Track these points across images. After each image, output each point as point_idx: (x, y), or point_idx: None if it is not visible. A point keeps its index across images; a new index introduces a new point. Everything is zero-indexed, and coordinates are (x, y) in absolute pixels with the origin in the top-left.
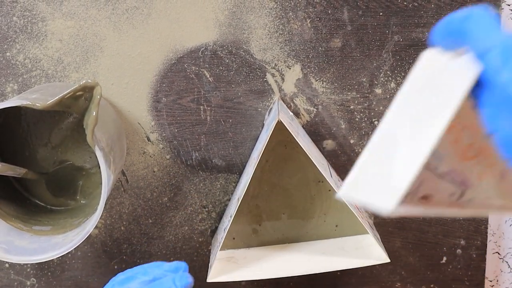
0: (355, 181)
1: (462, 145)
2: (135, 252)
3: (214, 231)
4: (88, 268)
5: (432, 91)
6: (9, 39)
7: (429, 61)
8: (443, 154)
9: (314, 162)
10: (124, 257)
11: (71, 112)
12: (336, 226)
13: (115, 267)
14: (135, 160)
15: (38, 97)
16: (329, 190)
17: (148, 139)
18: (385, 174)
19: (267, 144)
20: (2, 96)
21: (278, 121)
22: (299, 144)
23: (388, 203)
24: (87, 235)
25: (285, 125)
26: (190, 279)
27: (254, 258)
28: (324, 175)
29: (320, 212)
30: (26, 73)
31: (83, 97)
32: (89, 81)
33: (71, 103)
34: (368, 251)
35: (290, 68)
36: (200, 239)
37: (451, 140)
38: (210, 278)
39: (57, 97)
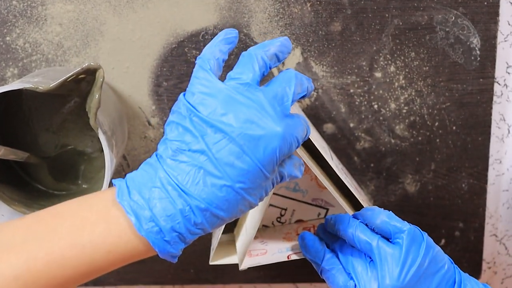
0: None
1: (317, 181)
2: None
3: None
4: None
5: None
6: (9, 23)
7: None
8: (305, 189)
9: (315, 144)
10: None
11: (73, 96)
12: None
13: None
14: (136, 144)
15: (40, 80)
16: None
17: (149, 124)
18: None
19: None
20: (2, 80)
21: None
22: None
23: None
24: None
25: None
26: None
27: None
28: (325, 158)
29: None
30: (26, 58)
31: (85, 80)
32: (91, 63)
33: (74, 86)
34: None
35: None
36: None
37: (309, 179)
38: (212, 261)
39: (59, 80)
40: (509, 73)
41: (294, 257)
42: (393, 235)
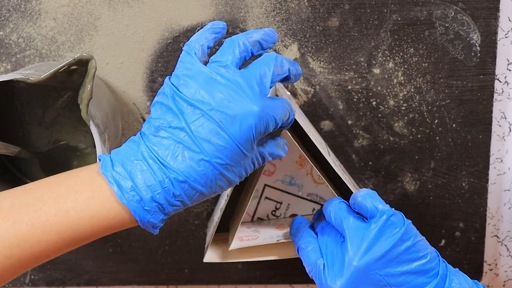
0: None
1: (313, 176)
2: (130, 234)
3: (210, 214)
4: (82, 252)
5: None
6: (2, 18)
7: None
8: (301, 184)
9: (313, 140)
10: (119, 240)
11: (66, 90)
12: None
13: (110, 250)
14: None
15: (31, 73)
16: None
17: (144, 120)
18: None
19: None
20: None
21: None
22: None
23: None
24: None
25: None
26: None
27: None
28: (322, 154)
29: None
30: (19, 53)
31: (77, 71)
32: (84, 54)
33: (66, 78)
34: None
35: (287, 48)
36: (196, 222)
37: (305, 174)
38: (207, 259)
39: (51, 71)
40: (510, 70)
41: (282, 240)
42: (370, 214)
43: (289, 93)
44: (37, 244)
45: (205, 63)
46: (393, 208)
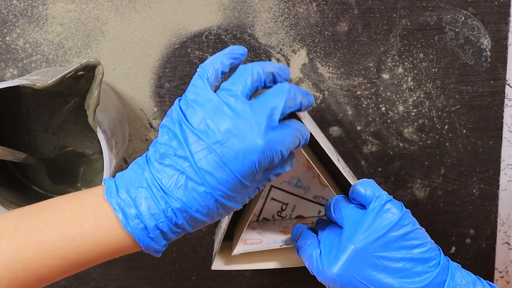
0: None
1: (319, 178)
2: None
3: (218, 221)
4: None
5: None
6: (9, 23)
7: None
8: (307, 186)
9: (322, 146)
10: None
11: (73, 95)
12: None
13: (117, 257)
14: (137, 147)
15: (38, 79)
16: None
17: (151, 126)
18: None
19: None
20: (2, 81)
21: None
22: None
23: None
24: None
25: None
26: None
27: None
28: (332, 159)
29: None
30: (26, 58)
31: (84, 77)
32: (90, 59)
33: (72, 83)
34: None
35: (295, 53)
36: (203, 229)
37: (312, 176)
38: (215, 266)
39: (57, 77)
40: None
41: (285, 246)
42: (368, 201)
43: None
44: (42, 267)
45: (217, 88)
46: (387, 193)
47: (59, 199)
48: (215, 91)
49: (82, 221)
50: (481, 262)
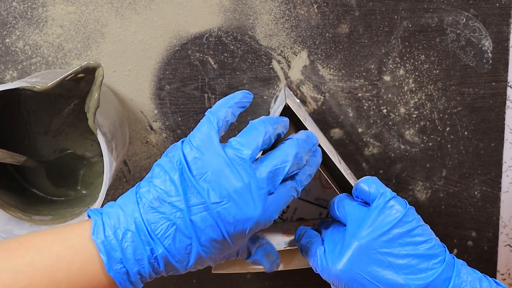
0: None
1: (321, 180)
2: None
3: None
4: None
5: None
6: (9, 25)
7: None
8: (308, 188)
9: (323, 148)
10: None
11: (73, 98)
12: None
13: None
14: (138, 149)
15: (38, 81)
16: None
17: (151, 128)
18: None
19: None
20: (1, 84)
21: (285, 105)
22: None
23: None
24: None
25: (293, 110)
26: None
27: None
28: (333, 161)
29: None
30: (25, 60)
31: (84, 79)
32: (91, 62)
33: (72, 86)
34: None
35: (296, 55)
36: None
37: (313, 178)
38: (216, 270)
39: (57, 79)
40: None
41: (288, 248)
42: (372, 198)
43: (298, 101)
44: None
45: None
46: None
47: (43, 236)
48: (221, 141)
49: (69, 265)
50: (483, 265)
